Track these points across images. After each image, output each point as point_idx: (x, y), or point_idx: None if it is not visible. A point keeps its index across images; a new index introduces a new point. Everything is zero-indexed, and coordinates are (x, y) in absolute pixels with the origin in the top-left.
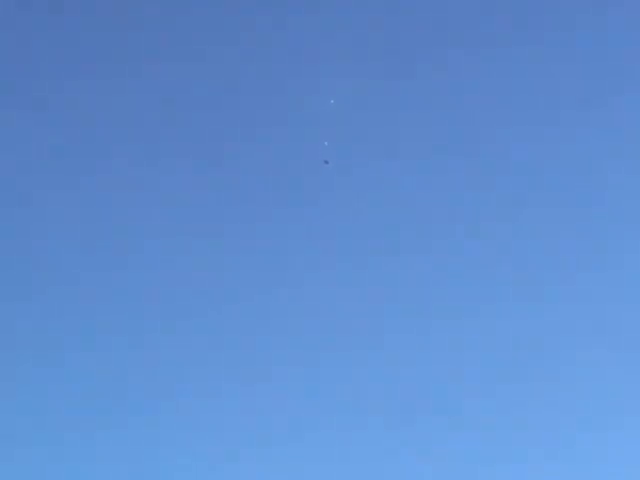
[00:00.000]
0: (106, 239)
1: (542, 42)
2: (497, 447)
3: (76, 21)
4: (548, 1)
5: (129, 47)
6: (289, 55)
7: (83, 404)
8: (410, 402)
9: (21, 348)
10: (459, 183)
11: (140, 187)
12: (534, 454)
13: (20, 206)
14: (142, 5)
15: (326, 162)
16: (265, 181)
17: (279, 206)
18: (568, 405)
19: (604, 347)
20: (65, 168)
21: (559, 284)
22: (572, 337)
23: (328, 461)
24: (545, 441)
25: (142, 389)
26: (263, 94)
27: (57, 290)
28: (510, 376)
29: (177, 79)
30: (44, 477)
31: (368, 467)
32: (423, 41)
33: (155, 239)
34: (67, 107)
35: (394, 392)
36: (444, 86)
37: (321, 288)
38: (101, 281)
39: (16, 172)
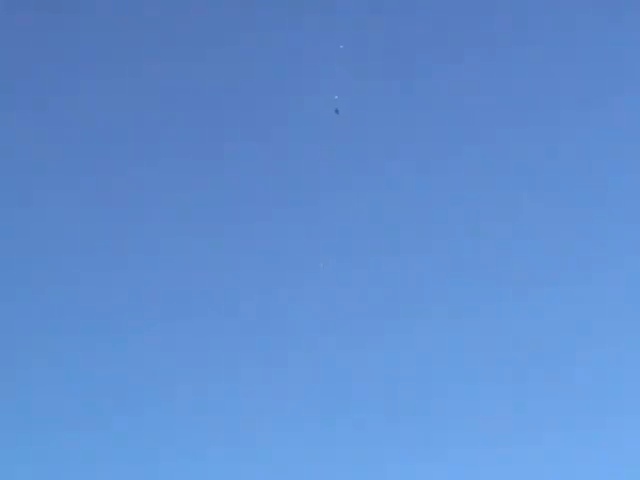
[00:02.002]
0: (106, 239)
1: (542, 42)
2: (496, 447)
3: (75, 21)
4: (548, 2)
5: (129, 47)
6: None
7: (82, 404)
8: (409, 402)
9: (21, 348)
10: (459, 183)
11: (140, 187)
12: (535, 454)
13: (20, 206)
14: (142, 5)
15: (336, 111)
16: (265, 179)
17: (279, 204)
18: (568, 405)
19: (604, 347)
20: (65, 168)
21: (558, 283)
22: (573, 337)
23: (328, 461)
24: (545, 441)
25: (141, 389)
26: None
27: (57, 290)
28: (510, 376)
29: (175, 73)
30: (43, 477)
31: (367, 467)
32: (424, 40)
33: (155, 239)
34: (67, 107)
35: (393, 392)
36: (443, 86)
37: (321, 288)
38: (101, 281)
39: (16, 172)
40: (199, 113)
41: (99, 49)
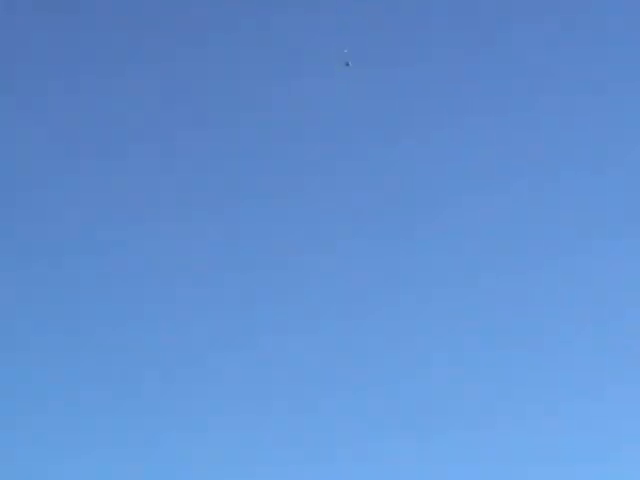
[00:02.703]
0: (107, 235)
1: (542, 45)
2: (496, 447)
3: (76, 22)
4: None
5: (132, 45)
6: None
7: (84, 405)
8: (409, 402)
9: (22, 347)
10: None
11: (141, 187)
12: (534, 454)
13: (21, 203)
14: (143, 4)
15: (347, 64)
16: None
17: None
18: (568, 406)
19: (604, 347)
20: (69, 166)
21: (558, 284)
22: (574, 338)
23: (330, 462)
24: (545, 442)
25: (144, 389)
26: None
27: (58, 285)
28: (510, 376)
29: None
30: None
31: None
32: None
33: (158, 233)
34: (69, 106)
35: (396, 394)
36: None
37: (321, 288)
38: (102, 279)
39: (17, 172)
40: (204, 83)
41: (102, 50)
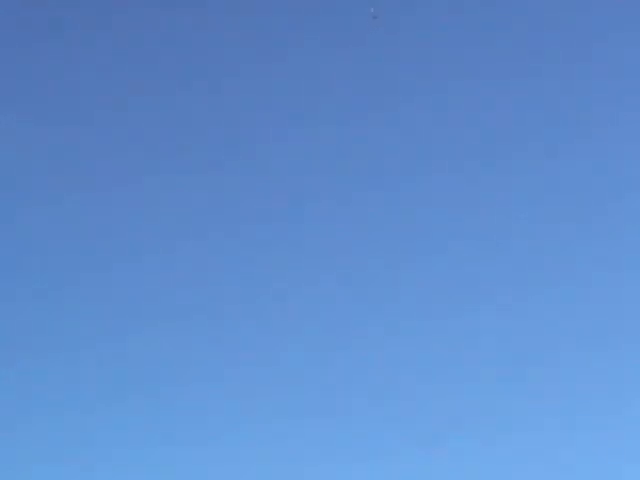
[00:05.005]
0: (108, 241)
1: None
2: (494, 446)
3: (77, 22)
4: None
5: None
6: None
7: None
8: (407, 401)
9: (22, 346)
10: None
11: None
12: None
13: (21, 210)
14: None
15: (375, 17)
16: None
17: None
18: (567, 406)
19: (603, 348)
20: (66, 172)
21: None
22: (572, 339)
23: (329, 460)
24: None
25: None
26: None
27: (62, 286)
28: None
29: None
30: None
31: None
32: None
33: (159, 240)
34: (70, 110)
35: (391, 392)
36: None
37: (322, 292)
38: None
39: (19, 175)
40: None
41: (105, 50)
